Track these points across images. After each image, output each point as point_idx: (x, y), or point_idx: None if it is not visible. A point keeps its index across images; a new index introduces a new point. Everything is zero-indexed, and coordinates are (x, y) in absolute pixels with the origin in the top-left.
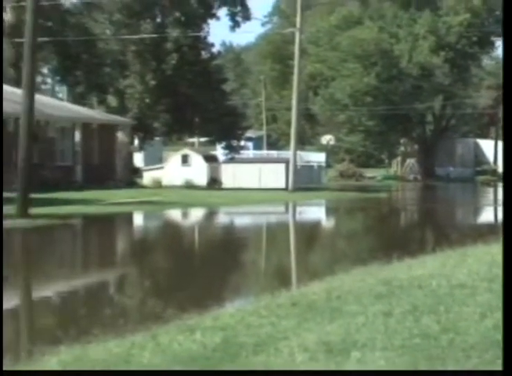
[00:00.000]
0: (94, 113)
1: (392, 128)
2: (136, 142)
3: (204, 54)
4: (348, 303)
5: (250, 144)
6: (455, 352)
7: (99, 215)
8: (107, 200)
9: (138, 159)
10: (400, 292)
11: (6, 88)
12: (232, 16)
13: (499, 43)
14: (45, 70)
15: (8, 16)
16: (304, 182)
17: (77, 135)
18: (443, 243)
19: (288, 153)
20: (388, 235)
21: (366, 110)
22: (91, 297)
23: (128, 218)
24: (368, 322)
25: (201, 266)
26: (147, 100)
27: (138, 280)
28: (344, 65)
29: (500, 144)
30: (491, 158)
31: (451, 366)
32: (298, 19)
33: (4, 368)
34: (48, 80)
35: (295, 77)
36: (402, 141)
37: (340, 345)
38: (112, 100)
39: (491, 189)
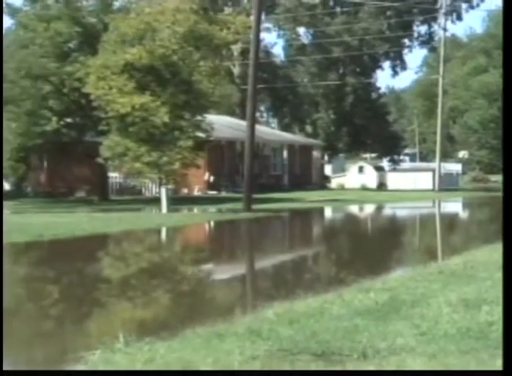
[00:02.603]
0: (296, 138)
1: None
2: (326, 157)
3: (373, 95)
4: (480, 271)
5: (407, 158)
6: None
7: (301, 209)
8: (306, 198)
9: (328, 169)
10: None
11: (236, 121)
12: (393, 67)
13: None
14: (261, 108)
15: (236, 70)
16: (446, 185)
17: (285, 153)
18: None
19: (434, 164)
20: None
21: (491, 133)
22: (296, 267)
23: (321, 211)
24: (494, 285)
25: (372, 244)
26: (332, 128)
27: (327, 255)
28: (474, 101)
29: None
30: None
31: None
32: (441, 68)
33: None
34: (264, 114)
35: (439, 110)
36: None
37: (474, 301)
38: (308, 128)
39: None
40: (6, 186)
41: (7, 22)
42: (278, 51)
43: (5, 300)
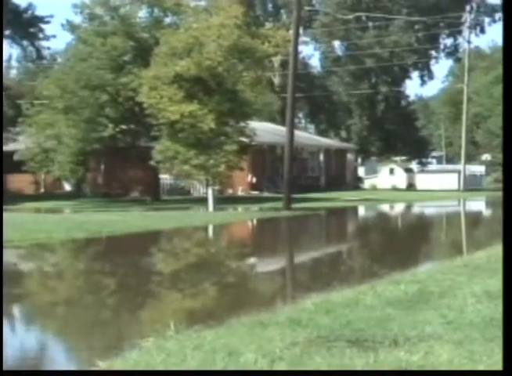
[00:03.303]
0: (332, 142)
1: None
2: (359, 160)
3: (403, 102)
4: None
5: (434, 160)
6: None
7: (336, 207)
8: (341, 198)
9: (361, 171)
10: None
11: (277, 127)
12: (422, 77)
13: None
14: (300, 115)
15: (277, 80)
16: (470, 185)
17: (321, 156)
18: None
19: (459, 166)
20: None
21: None
22: (332, 260)
23: (355, 209)
24: None
25: (402, 240)
26: (365, 133)
27: (361, 249)
28: (496, 108)
29: None
30: None
31: None
32: (466, 78)
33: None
34: (302, 121)
35: (464, 117)
36: None
37: (497, 292)
38: (343, 133)
39: None
40: (67, 187)
41: (68, 37)
42: (315, 62)
43: (69, 292)
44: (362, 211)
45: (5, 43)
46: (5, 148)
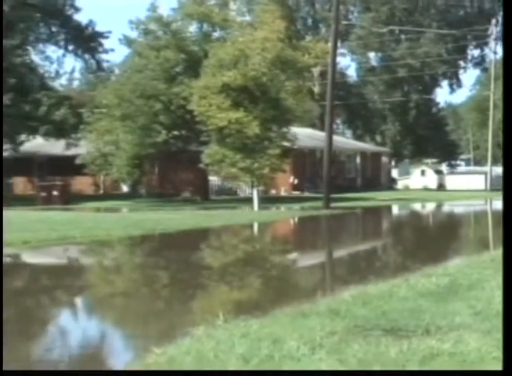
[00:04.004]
0: (367, 146)
1: None
2: (393, 162)
3: (433, 109)
4: None
5: (462, 163)
6: None
7: (372, 206)
8: (376, 198)
9: (394, 173)
10: None
11: (316, 132)
12: (451, 85)
13: None
14: (338, 121)
15: (316, 89)
16: (496, 186)
17: (358, 159)
18: None
19: (486, 168)
20: None
21: None
22: (368, 255)
23: (389, 208)
24: None
25: (433, 236)
26: (398, 138)
27: (394, 245)
28: None
29: None
30: None
31: None
32: (492, 86)
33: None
34: (340, 126)
35: (490, 122)
36: None
37: None
38: (378, 138)
39: None
40: (124, 188)
41: (124, 51)
42: (351, 72)
43: (126, 284)
44: (395, 209)
45: (69, 56)
46: (68, 153)
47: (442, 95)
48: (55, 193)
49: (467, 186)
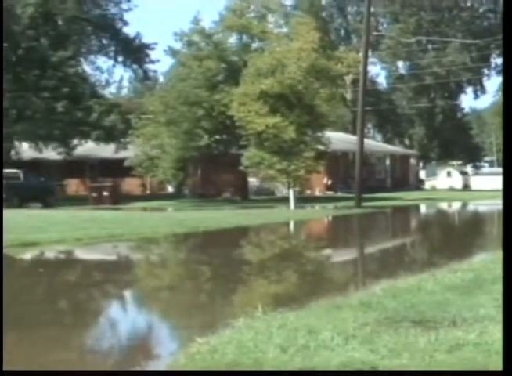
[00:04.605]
0: (396, 149)
1: None
2: (421, 164)
3: (459, 114)
4: None
5: (486, 164)
6: None
7: (401, 206)
8: (405, 197)
9: (422, 174)
10: None
11: (349, 136)
12: (475, 91)
13: None
14: (369, 125)
15: (348, 95)
16: None
17: (387, 161)
18: None
19: None
20: None
21: None
22: (397, 251)
23: (417, 207)
24: None
25: (458, 233)
26: (425, 141)
27: (422, 242)
28: None
29: None
30: None
31: None
32: None
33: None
34: (371, 130)
35: None
36: None
37: None
38: (406, 141)
39: None
40: (170, 189)
41: (169, 61)
42: (381, 80)
43: (171, 278)
44: (423, 208)
45: (118, 67)
46: (117, 156)
47: (467, 100)
48: (105, 193)
49: (491, 186)
